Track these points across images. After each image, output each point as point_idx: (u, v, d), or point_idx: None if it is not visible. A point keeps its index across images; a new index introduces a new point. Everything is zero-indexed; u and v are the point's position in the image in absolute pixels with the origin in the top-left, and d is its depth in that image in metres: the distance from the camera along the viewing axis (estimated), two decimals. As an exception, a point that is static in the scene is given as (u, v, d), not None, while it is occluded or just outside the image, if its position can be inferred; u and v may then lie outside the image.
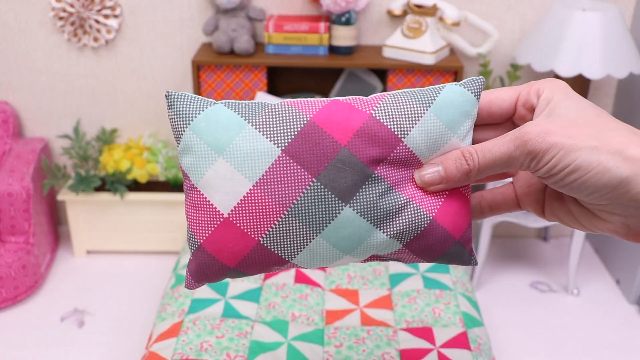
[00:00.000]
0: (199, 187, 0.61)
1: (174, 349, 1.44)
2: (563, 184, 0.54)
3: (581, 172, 0.52)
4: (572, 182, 0.53)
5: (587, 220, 0.58)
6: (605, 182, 0.52)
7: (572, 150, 0.53)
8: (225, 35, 2.11)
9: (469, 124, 0.61)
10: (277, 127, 0.59)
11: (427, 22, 2.08)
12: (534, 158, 0.55)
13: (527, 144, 0.54)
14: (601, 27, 1.94)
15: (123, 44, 2.29)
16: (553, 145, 0.53)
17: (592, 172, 0.52)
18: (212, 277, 0.64)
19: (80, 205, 2.34)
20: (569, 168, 0.53)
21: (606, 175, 0.52)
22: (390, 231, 0.61)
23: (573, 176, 0.53)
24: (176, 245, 2.43)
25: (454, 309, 1.61)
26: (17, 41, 2.30)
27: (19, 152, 2.29)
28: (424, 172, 0.60)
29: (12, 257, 2.12)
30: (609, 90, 2.35)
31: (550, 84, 0.59)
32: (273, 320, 1.54)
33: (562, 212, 0.61)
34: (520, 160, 0.56)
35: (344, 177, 0.59)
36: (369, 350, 1.44)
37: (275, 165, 0.59)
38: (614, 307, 2.22)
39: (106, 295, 2.23)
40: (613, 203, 0.54)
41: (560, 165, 0.53)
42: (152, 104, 2.39)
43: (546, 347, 2.03)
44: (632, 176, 0.51)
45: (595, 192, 0.53)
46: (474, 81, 0.62)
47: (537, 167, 0.55)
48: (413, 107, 0.60)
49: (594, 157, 0.52)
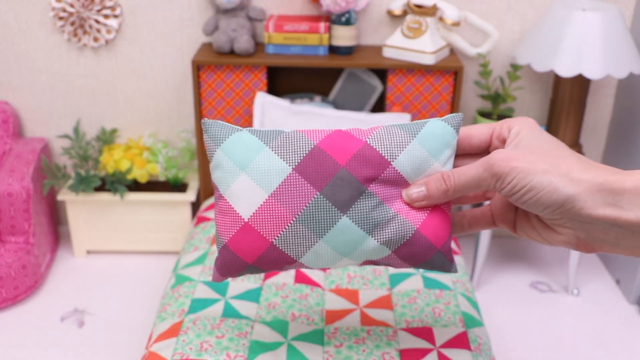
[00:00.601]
0: (225, 197, 0.74)
1: (174, 349, 1.44)
2: (522, 201, 0.65)
3: (535, 191, 0.63)
4: (528, 199, 0.64)
5: (547, 234, 0.69)
6: (554, 199, 0.63)
7: (529, 173, 0.64)
8: (225, 35, 2.11)
9: (449, 152, 0.74)
10: (289, 149, 0.72)
11: (427, 22, 2.08)
12: (498, 179, 0.66)
13: (493, 167, 0.66)
14: (601, 27, 1.94)
15: (123, 44, 2.29)
16: (514, 169, 0.64)
17: (544, 191, 0.63)
18: (234, 272, 0.76)
19: (80, 205, 2.34)
20: (526, 188, 0.64)
21: (555, 194, 0.62)
22: (380, 239, 0.74)
23: (529, 195, 0.64)
24: (176, 245, 2.43)
25: (454, 309, 1.61)
26: (17, 41, 2.30)
27: (19, 152, 2.29)
28: (411, 191, 0.74)
29: (12, 257, 2.12)
30: (608, 90, 2.35)
31: (520, 121, 0.71)
32: (273, 320, 1.54)
33: (528, 227, 0.72)
34: (488, 181, 0.67)
35: (343, 191, 0.71)
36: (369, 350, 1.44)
37: (287, 180, 0.71)
38: (614, 307, 2.22)
39: (106, 295, 2.23)
40: (563, 217, 0.64)
41: (519, 185, 0.64)
42: (152, 104, 2.39)
43: (546, 347, 2.03)
44: (576, 194, 0.62)
45: (547, 207, 0.64)
46: (454, 117, 0.75)
47: (501, 186, 0.66)
48: (401, 137, 0.73)
49: (545, 179, 0.63)
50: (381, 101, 2.32)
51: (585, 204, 0.61)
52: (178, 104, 2.39)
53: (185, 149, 2.39)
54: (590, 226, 0.64)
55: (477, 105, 2.38)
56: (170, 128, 2.44)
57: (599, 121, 2.41)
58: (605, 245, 0.65)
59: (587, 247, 0.67)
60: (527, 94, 2.36)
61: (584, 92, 2.10)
